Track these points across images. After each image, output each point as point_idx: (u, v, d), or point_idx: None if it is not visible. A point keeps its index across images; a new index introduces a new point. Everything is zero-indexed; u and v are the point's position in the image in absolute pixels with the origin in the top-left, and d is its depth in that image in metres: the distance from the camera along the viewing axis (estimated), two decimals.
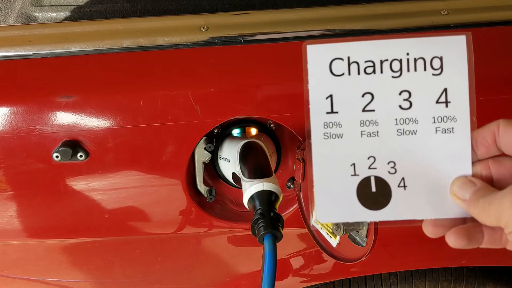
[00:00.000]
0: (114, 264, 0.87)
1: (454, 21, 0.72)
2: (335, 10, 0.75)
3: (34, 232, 0.79)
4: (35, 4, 0.83)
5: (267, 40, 0.71)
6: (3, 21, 0.79)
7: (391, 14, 0.74)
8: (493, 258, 0.93)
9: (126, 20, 0.76)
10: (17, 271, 0.87)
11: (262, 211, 0.61)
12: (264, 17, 0.74)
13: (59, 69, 0.68)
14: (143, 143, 0.71)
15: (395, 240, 0.91)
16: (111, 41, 0.70)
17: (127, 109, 0.69)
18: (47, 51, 0.68)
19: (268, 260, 0.56)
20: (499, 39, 0.73)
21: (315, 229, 0.75)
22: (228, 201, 0.87)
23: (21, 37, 0.70)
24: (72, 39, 0.70)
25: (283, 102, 0.71)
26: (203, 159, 0.79)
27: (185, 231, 0.82)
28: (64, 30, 0.72)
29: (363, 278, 1.03)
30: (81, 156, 0.69)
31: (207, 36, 0.70)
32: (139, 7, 0.81)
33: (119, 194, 0.75)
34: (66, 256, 0.85)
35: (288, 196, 0.84)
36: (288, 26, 0.72)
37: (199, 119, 0.70)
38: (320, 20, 0.73)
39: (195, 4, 0.81)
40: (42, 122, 0.68)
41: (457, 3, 0.75)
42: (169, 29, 0.72)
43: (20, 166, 0.71)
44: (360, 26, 0.72)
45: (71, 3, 0.82)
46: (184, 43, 0.70)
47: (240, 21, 0.73)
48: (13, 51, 0.68)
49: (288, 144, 0.82)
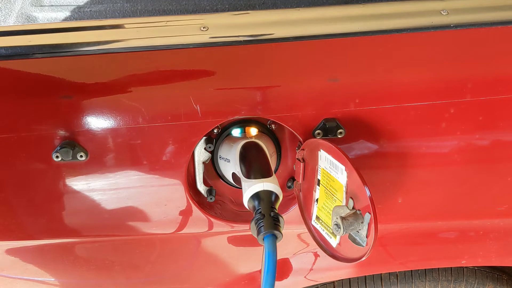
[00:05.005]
0: (114, 264, 0.87)
1: (454, 21, 0.72)
2: (335, 10, 0.76)
3: (34, 232, 0.79)
4: (35, 4, 0.83)
5: (267, 40, 0.71)
6: (3, 21, 0.79)
7: (391, 14, 0.74)
8: (493, 258, 0.93)
9: (126, 20, 0.75)
10: (17, 271, 0.87)
11: (262, 211, 0.61)
12: (264, 17, 0.74)
13: (59, 69, 0.68)
14: (143, 143, 0.71)
15: (395, 240, 0.91)
16: (111, 41, 0.70)
17: (127, 109, 0.69)
18: (47, 51, 0.68)
19: (268, 260, 0.56)
20: (499, 39, 0.73)
21: (315, 229, 0.75)
22: (228, 201, 0.87)
23: (21, 37, 0.70)
24: (72, 39, 0.70)
25: (283, 102, 0.71)
26: (203, 159, 0.79)
27: (185, 231, 0.82)
28: (64, 30, 0.72)
29: (363, 278, 1.03)
30: (81, 156, 0.69)
31: (207, 36, 0.70)
32: (139, 7, 0.81)
33: (119, 194, 0.75)
34: (66, 256, 0.85)
35: (288, 196, 0.84)
36: (288, 26, 0.72)
37: (199, 119, 0.70)
38: (320, 20, 0.73)
39: (195, 4, 0.81)
40: (42, 122, 0.68)
41: (457, 3, 0.75)
42: (170, 29, 0.71)
43: (20, 166, 0.71)
44: (360, 26, 0.72)
45: (71, 3, 0.82)
46: (184, 43, 0.70)
47: (240, 21, 0.73)
48: (13, 51, 0.68)
49: (288, 144, 0.82)
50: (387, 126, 0.73)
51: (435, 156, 0.77)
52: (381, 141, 0.74)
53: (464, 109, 0.73)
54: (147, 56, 0.69)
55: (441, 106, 0.73)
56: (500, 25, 0.72)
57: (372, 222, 0.60)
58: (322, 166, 0.70)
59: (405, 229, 0.89)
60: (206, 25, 0.71)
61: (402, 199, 0.80)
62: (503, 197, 0.83)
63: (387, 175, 0.78)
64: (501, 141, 0.77)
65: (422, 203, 0.83)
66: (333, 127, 0.71)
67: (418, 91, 0.72)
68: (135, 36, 0.70)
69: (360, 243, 0.63)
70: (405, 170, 0.78)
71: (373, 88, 0.72)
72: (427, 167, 0.78)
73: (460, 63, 0.73)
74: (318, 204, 0.73)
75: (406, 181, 0.78)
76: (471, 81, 0.72)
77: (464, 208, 0.84)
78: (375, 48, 0.72)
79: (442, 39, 0.72)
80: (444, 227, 0.89)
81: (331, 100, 0.71)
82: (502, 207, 0.84)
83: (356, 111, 0.72)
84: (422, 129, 0.74)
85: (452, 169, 0.79)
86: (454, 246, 0.92)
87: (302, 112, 0.71)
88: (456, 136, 0.75)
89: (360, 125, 0.72)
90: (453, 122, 0.74)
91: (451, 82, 0.72)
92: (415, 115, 0.73)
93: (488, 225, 0.88)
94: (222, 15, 0.76)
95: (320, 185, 0.71)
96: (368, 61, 0.72)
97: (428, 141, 0.76)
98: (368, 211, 0.61)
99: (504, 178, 0.80)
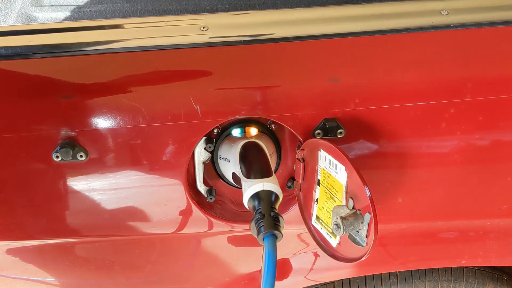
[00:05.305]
0: (114, 264, 0.87)
1: (454, 21, 0.72)
2: (335, 10, 0.75)
3: (34, 232, 0.79)
4: (35, 4, 0.83)
5: (267, 40, 0.71)
6: (3, 21, 0.79)
7: (391, 14, 0.74)
8: (493, 258, 0.93)
9: (126, 20, 0.75)
10: (17, 271, 0.87)
11: (262, 211, 0.61)
12: (264, 17, 0.74)
13: (59, 69, 0.68)
14: (143, 143, 0.71)
15: (395, 240, 0.91)
16: (111, 41, 0.70)
17: (127, 109, 0.69)
18: (47, 51, 0.68)
19: (268, 260, 0.56)
20: (499, 39, 0.73)
21: (315, 229, 0.75)
22: (228, 201, 0.87)
23: (21, 37, 0.70)
24: (72, 39, 0.70)
25: (283, 102, 0.71)
26: (203, 159, 0.79)
27: (185, 231, 0.82)
28: (64, 30, 0.72)
29: (363, 278, 1.03)
30: (81, 156, 0.69)
31: (207, 36, 0.70)
32: (139, 7, 0.81)
33: (119, 194, 0.75)
34: (66, 256, 0.85)
35: (288, 196, 0.84)
36: (288, 26, 0.72)
37: (199, 119, 0.70)
38: (320, 20, 0.73)
39: (195, 4, 0.81)
40: (42, 122, 0.68)
41: (457, 3, 0.75)
42: (170, 29, 0.71)
43: (20, 166, 0.71)
44: (360, 26, 0.72)
45: (71, 3, 0.82)
46: (184, 43, 0.69)
47: (240, 21, 0.73)
48: (13, 51, 0.68)
49: (288, 144, 0.82)
50: (387, 126, 0.73)
51: (435, 156, 0.77)
52: (381, 141, 0.74)
53: (464, 109, 0.73)
54: (147, 56, 0.69)
55: (441, 106, 0.73)
56: (500, 25, 0.72)
57: (372, 222, 0.60)
58: (322, 166, 0.70)
59: (405, 229, 0.89)
60: (206, 25, 0.71)
61: (402, 199, 0.80)
62: (503, 197, 0.83)
63: (387, 175, 0.78)
64: (501, 141, 0.77)
65: (422, 203, 0.83)
66: (333, 127, 0.71)
67: (418, 91, 0.72)
68: (135, 36, 0.70)
69: (360, 243, 0.63)
70: (405, 170, 0.78)
71: (373, 88, 0.72)
72: (427, 167, 0.78)
73: (460, 63, 0.73)
74: (318, 204, 0.73)
75: (406, 181, 0.78)
76: (471, 81, 0.72)
77: (464, 208, 0.84)
78: (375, 48, 0.72)
79: (442, 39, 0.72)
80: (444, 227, 0.89)
81: (331, 100, 0.71)
82: (502, 207, 0.84)
83: (356, 111, 0.72)
84: (422, 129, 0.74)
85: (452, 169, 0.79)
86: (454, 246, 0.92)
87: (302, 112, 0.71)
88: (456, 136, 0.75)
89: (360, 125, 0.72)
90: (453, 122, 0.74)
91: (451, 82, 0.72)
92: (415, 115, 0.73)
93: (488, 225, 0.88)
94: (222, 15, 0.76)
95: (320, 185, 0.71)
96: (368, 61, 0.72)
97: (428, 141, 0.76)
98: (368, 211, 0.61)
99: (504, 178, 0.80)
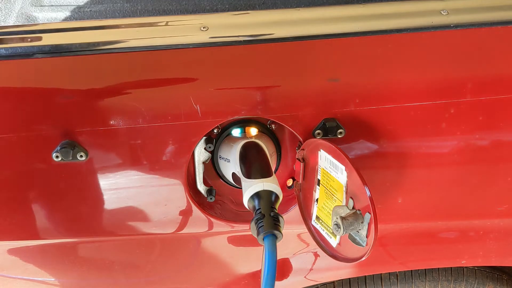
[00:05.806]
0: (114, 264, 0.87)
1: (454, 21, 0.72)
2: (335, 10, 0.75)
3: (34, 232, 0.79)
4: (35, 4, 0.83)
5: (267, 40, 0.71)
6: (3, 21, 0.79)
7: (391, 14, 0.74)
8: (493, 258, 0.93)
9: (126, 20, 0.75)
10: (17, 271, 0.87)
11: (262, 211, 0.61)
12: (264, 17, 0.74)
13: (59, 69, 0.68)
14: (143, 143, 0.71)
15: (395, 240, 0.91)
16: (111, 41, 0.70)
17: (127, 109, 0.69)
18: (47, 51, 0.68)
19: (268, 260, 0.56)
20: (499, 39, 0.73)
21: (315, 229, 0.75)
22: (228, 201, 0.87)
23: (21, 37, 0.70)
24: (72, 39, 0.70)
25: (283, 102, 0.71)
26: (203, 159, 0.79)
27: (185, 231, 0.82)
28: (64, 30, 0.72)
29: (363, 278, 1.03)
30: (81, 156, 0.69)
31: (207, 36, 0.70)
32: (139, 7, 0.81)
33: (119, 194, 0.75)
34: (66, 256, 0.85)
35: (288, 196, 0.84)
36: (288, 26, 0.72)
37: (199, 119, 0.70)
38: (320, 20, 0.73)
39: (195, 4, 0.81)
40: (42, 122, 0.68)
41: (457, 3, 0.75)
42: (170, 29, 0.71)
43: (20, 166, 0.71)
44: (360, 26, 0.72)
45: (71, 3, 0.82)
46: (184, 43, 0.69)
47: (240, 21, 0.73)
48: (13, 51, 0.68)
49: (288, 144, 0.82)
50: (387, 126, 0.73)
51: (435, 156, 0.77)
52: (381, 141, 0.74)
53: (464, 109, 0.73)
54: (147, 56, 0.69)
55: (441, 106, 0.73)
56: (500, 25, 0.72)
57: (372, 222, 0.60)
58: (322, 166, 0.70)
59: (405, 229, 0.89)
60: (206, 25, 0.71)
61: (402, 199, 0.80)
62: (503, 197, 0.83)
63: (387, 175, 0.78)
64: (501, 141, 0.77)
65: (422, 203, 0.83)
66: (333, 127, 0.71)
67: (418, 91, 0.72)
68: (135, 36, 0.70)
69: (360, 243, 0.63)
70: (405, 170, 0.78)
71: (373, 88, 0.72)
72: (427, 167, 0.78)
73: (460, 63, 0.73)
74: (318, 204, 0.73)
75: (406, 181, 0.78)
76: (471, 81, 0.72)
77: (464, 208, 0.84)
78: (375, 48, 0.72)
79: (442, 39, 0.72)
80: (444, 227, 0.89)
81: (331, 100, 0.71)
82: (502, 207, 0.84)
83: (356, 111, 0.72)
84: (422, 129, 0.74)
85: (452, 169, 0.79)
86: (454, 246, 0.92)
87: (302, 112, 0.71)
88: (456, 136, 0.75)
89: (360, 125, 0.72)
90: (453, 122, 0.74)
91: (451, 82, 0.72)
92: (415, 115, 0.73)
93: (488, 225, 0.88)
94: (222, 15, 0.76)
95: (320, 185, 0.71)
96: (368, 61, 0.72)
97: (428, 141, 0.76)
98: (368, 211, 0.61)
99: (504, 178, 0.80)
